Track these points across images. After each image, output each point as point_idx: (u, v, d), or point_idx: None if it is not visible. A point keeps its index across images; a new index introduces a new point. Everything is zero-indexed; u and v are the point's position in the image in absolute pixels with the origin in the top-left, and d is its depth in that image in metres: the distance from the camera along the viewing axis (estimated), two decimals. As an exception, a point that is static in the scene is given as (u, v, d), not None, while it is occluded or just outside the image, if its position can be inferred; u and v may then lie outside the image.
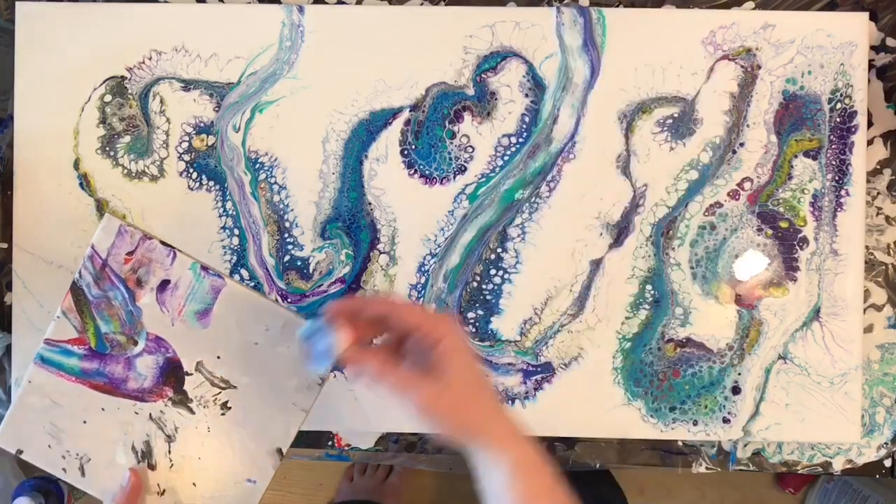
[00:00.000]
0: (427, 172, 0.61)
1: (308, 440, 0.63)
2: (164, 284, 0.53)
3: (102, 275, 0.53)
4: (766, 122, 0.61)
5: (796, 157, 0.61)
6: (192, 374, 0.54)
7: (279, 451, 0.54)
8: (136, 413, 0.54)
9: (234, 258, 0.61)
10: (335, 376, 0.61)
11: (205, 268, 0.54)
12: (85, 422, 0.54)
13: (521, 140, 0.61)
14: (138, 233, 0.53)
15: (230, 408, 0.54)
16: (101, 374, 0.54)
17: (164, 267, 0.54)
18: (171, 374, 0.54)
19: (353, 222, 0.62)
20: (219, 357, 0.54)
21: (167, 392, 0.54)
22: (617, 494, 0.85)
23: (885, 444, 0.63)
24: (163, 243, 0.53)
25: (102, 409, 0.54)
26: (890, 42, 0.62)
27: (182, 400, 0.54)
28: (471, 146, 0.61)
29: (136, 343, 0.54)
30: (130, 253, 0.53)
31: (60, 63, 0.61)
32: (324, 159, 0.61)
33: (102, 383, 0.54)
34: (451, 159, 0.61)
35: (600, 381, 0.61)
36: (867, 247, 0.62)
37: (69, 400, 0.54)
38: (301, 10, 0.61)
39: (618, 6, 0.62)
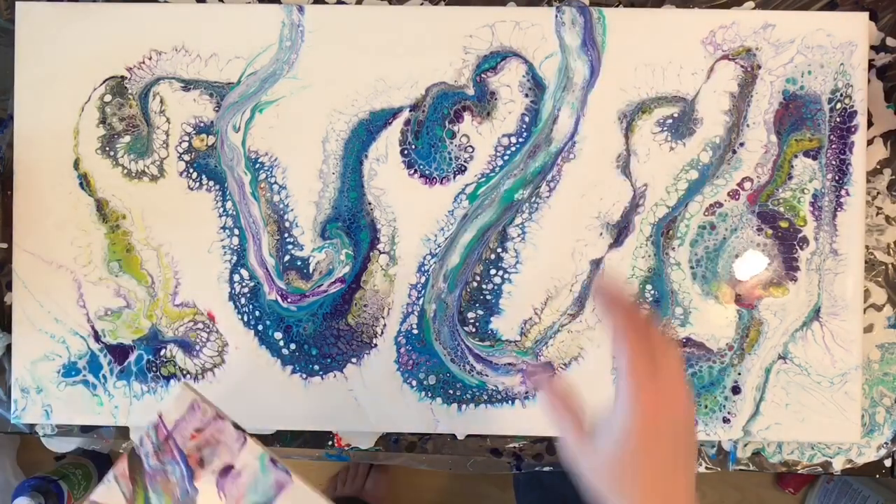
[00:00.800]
0: (427, 172, 0.61)
1: (308, 440, 0.63)
2: (226, 470, 0.49)
3: (164, 447, 0.50)
4: (766, 121, 0.61)
5: (796, 156, 0.61)
6: None
7: None
8: None
9: (234, 258, 0.62)
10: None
11: (273, 461, 0.50)
12: None
13: (521, 140, 0.61)
14: (212, 410, 0.50)
15: None
16: None
17: (231, 451, 0.50)
18: None
19: (353, 222, 0.62)
20: None
21: None
22: None
23: (885, 443, 0.63)
24: (235, 426, 0.50)
25: None
26: (890, 42, 0.62)
27: None
28: (471, 146, 0.61)
29: None
30: (199, 430, 0.50)
31: (60, 63, 0.61)
32: (324, 159, 0.61)
33: None
34: (451, 159, 0.61)
35: (600, 381, 0.61)
36: (867, 247, 0.62)
37: None
38: (301, 10, 0.61)
39: (617, 6, 0.62)
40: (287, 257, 0.62)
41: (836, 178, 0.61)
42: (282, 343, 0.61)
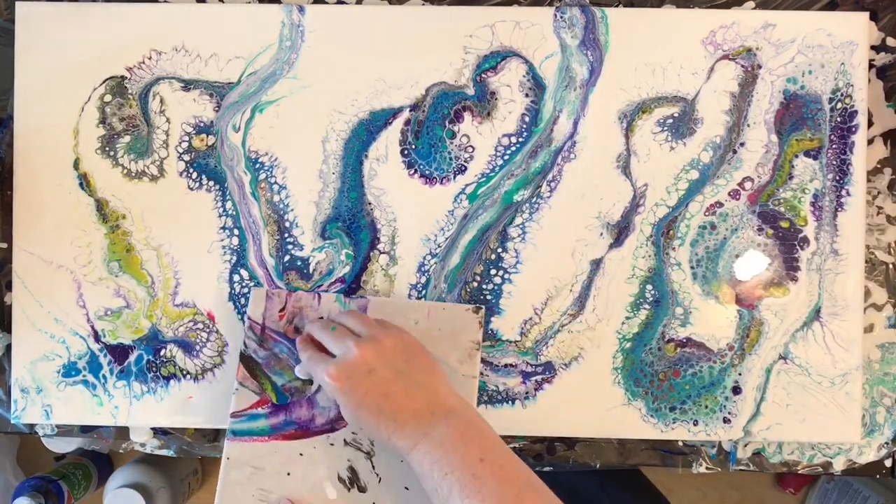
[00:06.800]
0: (427, 172, 0.61)
1: (308, 440, 0.63)
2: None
3: (264, 337, 0.59)
4: (766, 121, 0.61)
5: (797, 156, 0.61)
6: None
7: None
8: (332, 444, 0.56)
9: (234, 258, 0.61)
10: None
11: (348, 294, 0.60)
12: (289, 474, 0.55)
13: (521, 140, 0.61)
14: (284, 292, 0.60)
15: None
16: (289, 424, 0.57)
17: (314, 309, 0.59)
18: None
19: (353, 222, 0.61)
20: None
21: None
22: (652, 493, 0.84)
23: (886, 443, 0.63)
24: (306, 291, 0.60)
25: (301, 455, 0.56)
26: (890, 42, 0.62)
27: None
28: (471, 146, 0.61)
29: (311, 382, 0.58)
30: (282, 310, 0.59)
31: (60, 63, 0.61)
32: (324, 159, 0.61)
33: (293, 431, 0.57)
34: (451, 159, 0.61)
35: (600, 381, 0.61)
36: (868, 246, 0.62)
37: (268, 459, 0.56)
38: (301, 9, 0.61)
39: (617, 6, 0.62)
40: (287, 257, 0.62)
41: (837, 177, 0.61)
42: (282, 343, 0.61)
